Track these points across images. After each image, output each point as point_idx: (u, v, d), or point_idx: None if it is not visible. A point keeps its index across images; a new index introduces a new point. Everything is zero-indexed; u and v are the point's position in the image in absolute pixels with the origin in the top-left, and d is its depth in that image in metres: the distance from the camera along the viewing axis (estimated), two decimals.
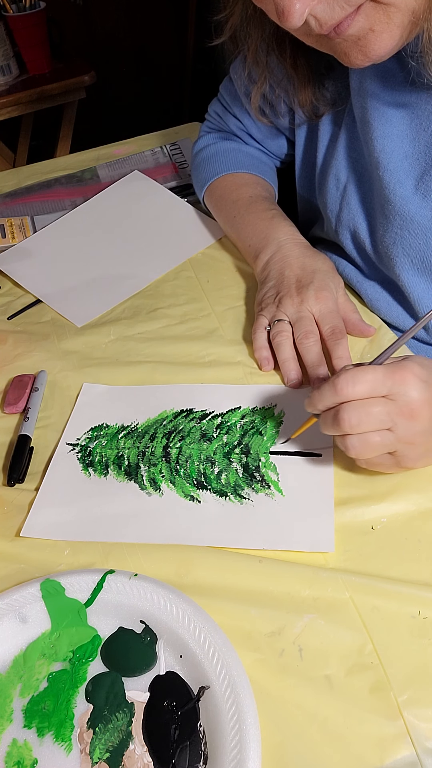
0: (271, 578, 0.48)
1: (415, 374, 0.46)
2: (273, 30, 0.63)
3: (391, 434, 0.47)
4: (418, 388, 0.46)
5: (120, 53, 2.33)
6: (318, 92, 0.69)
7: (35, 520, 0.55)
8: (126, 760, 0.41)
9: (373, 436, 0.47)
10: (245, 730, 0.39)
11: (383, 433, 0.47)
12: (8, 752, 0.42)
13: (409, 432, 0.47)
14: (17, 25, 1.67)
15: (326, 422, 0.49)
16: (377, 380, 0.46)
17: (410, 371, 0.46)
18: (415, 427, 0.47)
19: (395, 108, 0.62)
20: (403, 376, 0.46)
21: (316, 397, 0.49)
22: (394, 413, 0.46)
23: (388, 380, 0.46)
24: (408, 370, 0.47)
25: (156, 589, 0.47)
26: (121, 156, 1.07)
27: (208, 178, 0.85)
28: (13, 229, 0.92)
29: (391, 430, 0.47)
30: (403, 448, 0.48)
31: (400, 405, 0.46)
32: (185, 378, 0.66)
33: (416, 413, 0.46)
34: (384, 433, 0.47)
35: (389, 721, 0.41)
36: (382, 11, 0.49)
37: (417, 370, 0.47)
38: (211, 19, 0.65)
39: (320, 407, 0.49)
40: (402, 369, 0.47)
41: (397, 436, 0.47)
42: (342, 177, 0.71)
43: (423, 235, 0.63)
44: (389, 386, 0.46)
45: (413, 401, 0.46)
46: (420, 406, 0.46)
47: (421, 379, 0.47)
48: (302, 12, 0.48)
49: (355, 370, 0.47)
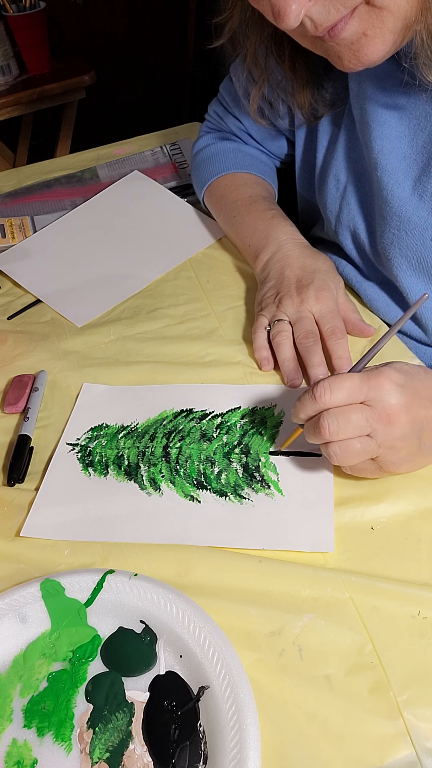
0: (271, 578, 0.48)
1: (392, 380, 0.47)
2: (271, 32, 0.64)
3: (371, 440, 0.47)
4: (395, 394, 0.47)
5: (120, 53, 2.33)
6: (317, 94, 0.69)
7: (35, 520, 0.55)
8: (126, 759, 0.41)
9: (354, 443, 0.47)
10: (245, 730, 0.39)
11: (363, 439, 0.47)
12: (8, 752, 0.42)
13: (388, 437, 0.47)
14: (17, 25, 1.67)
15: (309, 431, 0.49)
16: (354, 387, 0.47)
17: (386, 377, 0.47)
18: (394, 432, 0.47)
19: (392, 110, 0.62)
20: (379, 382, 0.47)
21: (299, 407, 0.50)
22: (372, 419, 0.47)
23: (365, 386, 0.47)
24: (384, 376, 0.47)
25: (156, 589, 0.47)
26: (121, 156, 1.07)
27: (207, 178, 0.85)
28: (13, 229, 0.92)
29: (371, 436, 0.47)
30: (384, 453, 0.48)
31: (378, 411, 0.47)
32: (185, 378, 0.66)
33: (394, 418, 0.47)
34: (364, 439, 0.47)
35: (389, 721, 0.41)
36: (375, 15, 0.49)
37: (394, 375, 0.47)
38: (210, 21, 0.66)
39: (303, 417, 0.50)
40: (378, 375, 0.47)
41: (377, 442, 0.47)
42: (341, 178, 0.71)
43: (420, 235, 0.63)
44: (365, 392, 0.47)
45: (390, 407, 0.47)
46: (397, 411, 0.47)
47: (398, 384, 0.47)
48: (298, 13, 0.49)
49: (332, 377, 0.48)
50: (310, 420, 0.49)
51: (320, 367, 0.62)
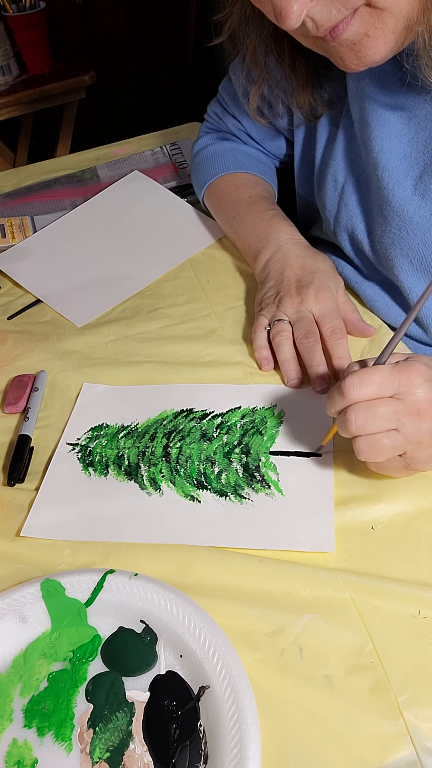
0: (271, 578, 0.48)
1: (421, 374, 0.46)
2: (271, 31, 0.64)
3: (399, 435, 0.47)
4: (424, 387, 0.46)
5: (120, 53, 2.33)
6: (316, 93, 0.69)
7: (35, 520, 0.55)
8: (126, 759, 0.41)
9: (381, 438, 0.47)
10: (245, 729, 0.39)
11: (391, 434, 0.47)
12: (8, 752, 0.42)
13: (416, 432, 0.47)
14: (17, 25, 1.67)
15: (340, 424, 0.49)
16: (384, 381, 0.46)
17: (416, 371, 0.46)
18: (423, 426, 0.46)
19: (392, 109, 0.62)
20: (409, 376, 0.46)
21: (329, 402, 0.49)
22: (401, 413, 0.46)
23: (395, 380, 0.46)
24: (414, 369, 0.46)
25: (156, 589, 0.47)
26: (121, 156, 1.07)
27: (207, 179, 0.85)
28: (13, 229, 0.92)
29: (398, 430, 0.47)
30: (412, 449, 0.48)
31: (407, 404, 0.46)
32: (185, 378, 0.66)
33: (423, 412, 0.46)
34: (392, 434, 0.47)
35: (389, 721, 0.41)
36: (377, 16, 0.49)
37: (423, 369, 0.47)
38: (210, 19, 0.66)
39: (333, 412, 0.49)
40: (408, 368, 0.46)
41: (405, 437, 0.47)
42: (340, 178, 0.71)
43: (421, 235, 0.63)
44: (396, 386, 0.46)
45: (420, 401, 0.46)
46: (427, 405, 0.46)
47: (427, 378, 0.46)
48: (299, 13, 0.49)
49: (361, 371, 0.47)
50: (340, 413, 0.48)
51: (320, 367, 0.62)
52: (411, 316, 0.47)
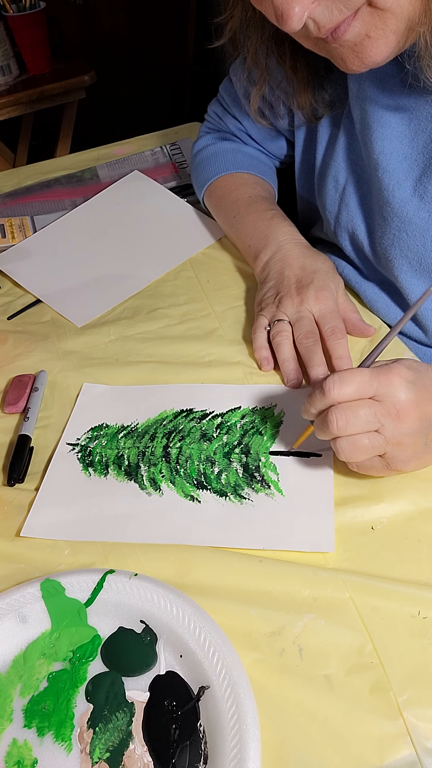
0: (271, 578, 0.48)
1: (402, 376, 0.47)
2: (272, 32, 0.63)
3: (380, 436, 0.47)
4: (405, 390, 0.47)
5: (120, 53, 2.33)
6: (317, 94, 0.69)
7: (35, 520, 0.55)
8: (126, 759, 0.41)
9: (362, 439, 0.47)
10: (245, 730, 0.39)
11: (371, 435, 0.47)
12: (8, 752, 0.42)
13: (396, 433, 0.47)
14: (17, 25, 1.67)
15: (318, 426, 0.49)
16: (364, 382, 0.47)
17: (396, 373, 0.47)
18: (402, 428, 0.47)
19: (393, 111, 0.62)
20: (389, 378, 0.47)
21: (309, 402, 0.50)
22: (381, 414, 0.47)
23: (374, 381, 0.47)
24: (394, 372, 0.47)
25: (156, 589, 0.47)
26: (121, 156, 1.07)
27: (207, 179, 0.85)
28: (13, 229, 0.92)
29: (379, 431, 0.47)
30: (391, 449, 0.48)
31: (387, 406, 0.47)
32: (185, 378, 0.66)
33: (403, 414, 0.47)
34: (372, 435, 0.47)
35: (389, 721, 0.41)
36: (378, 17, 0.49)
37: (404, 372, 0.47)
38: (211, 21, 0.65)
39: (313, 412, 0.50)
40: (389, 371, 0.47)
41: (385, 438, 0.47)
42: (341, 179, 0.71)
43: (421, 236, 0.63)
44: (375, 387, 0.47)
45: (399, 402, 0.47)
46: (407, 407, 0.47)
47: (408, 380, 0.47)
48: (301, 15, 0.49)
49: (342, 372, 0.48)
50: (319, 415, 0.49)
51: (320, 367, 0.62)
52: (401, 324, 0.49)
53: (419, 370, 0.49)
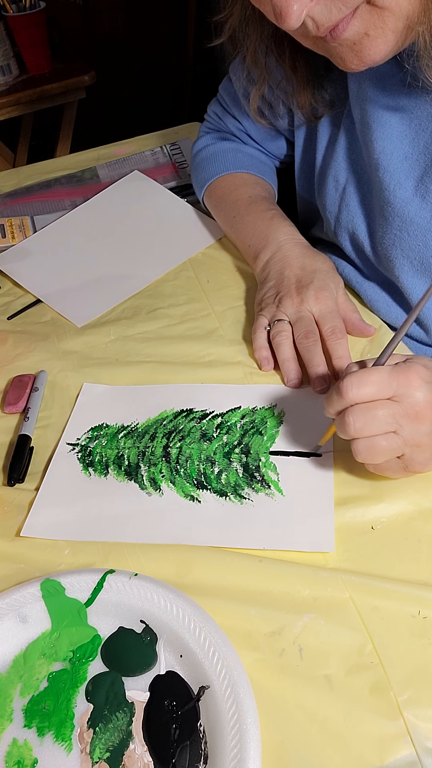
0: (271, 578, 0.48)
1: (420, 375, 0.46)
2: (272, 31, 0.63)
3: (398, 437, 0.47)
4: (423, 390, 0.46)
5: (120, 53, 2.33)
6: (317, 94, 0.69)
7: (35, 520, 0.55)
8: (126, 759, 0.41)
9: (380, 440, 0.46)
10: (245, 729, 0.39)
11: (389, 436, 0.46)
12: (8, 752, 0.42)
13: (415, 434, 0.46)
14: (17, 25, 1.67)
15: (338, 426, 0.48)
16: (383, 382, 0.46)
17: (415, 372, 0.46)
18: (421, 429, 0.46)
19: (394, 110, 0.62)
20: (408, 378, 0.46)
21: (328, 403, 0.49)
22: (399, 415, 0.46)
23: (394, 382, 0.46)
24: (413, 371, 0.46)
25: (156, 589, 0.47)
26: (121, 156, 1.07)
27: (207, 179, 0.85)
28: (13, 229, 0.92)
29: (397, 432, 0.46)
30: (410, 451, 0.47)
31: (405, 407, 0.46)
32: (185, 378, 0.66)
33: (421, 415, 0.46)
34: (390, 436, 0.46)
35: (389, 721, 0.41)
36: (377, 15, 0.49)
37: (422, 371, 0.46)
38: (210, 19, 0.65)
39: (332, 413, 0.49)
40: (407, 370, 0.46)
41: (404, 439, 0.47)
42: (341, 179, 0.71)
43: (422, 236, 0.63)
44: (394, 388, 0.46)
45: (418, 403, 0.46)
46: (425, 408, 0.46)
47: (426, 380, 0.46)
48: (300, 13, 0.49)
49: (360, 372, 0.46)
50: (339, 414, 0.48)
51: (320, 367, 0.62)
52: (411, 318, 0.46)
53: None
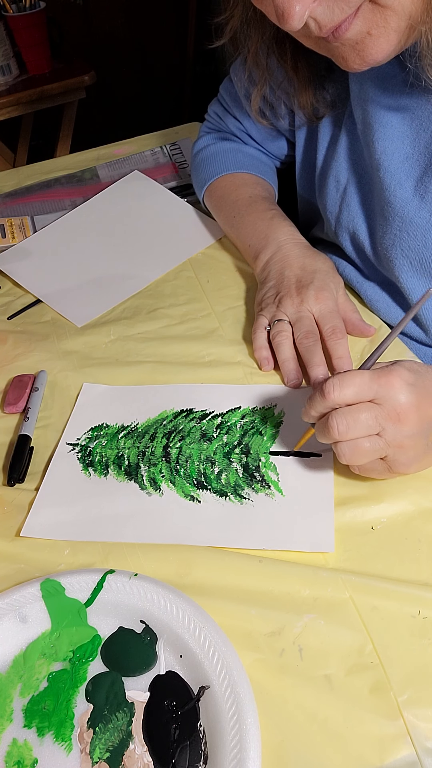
0: (271, 578, 0.48)
1: (402, 378, 0.47)
2: (273, 32, 0.63)
3: (380, 439, 0.47)
4: (405, 392, 0.46)
5: (120, 53, 2.33)
6: (318, 94, 0.69)
7: (35, 520, 0.55)
8: (126, 759, 0.41)
9: (363, 442, 0.47)
10: (245, 730, 0.39)
11: (372, 438, 0.47)
12: (8, 752, 0.42)
13: (397, 436, 0.47)
14: (17, 25, 1.67)
15: (319, 430, 0.49)
16: (363, 384, 0.47)
17: (397, 375, 0.47)
18: (403, 431, 0.47)
19: (395, 111, 0.62)
20: (389, 380, 0.47)
21: (309, 405, 0.49)
22: (382, 417, 0.47)
23: (375, 384, 0.47)
24: (395, 374, 0.47)
25: (156, 589, 0.47)
26: (121, 156, 1.07)
27: (207, 179, 0.85)
28: (13, 229, 0.92)
29: (380, 435, 0.47)
30: (393, 452, 0.48)
31: (387, 409, 0.47)
32: (185, 378, 0.66)
33: (403, 417, 0.47)
34: (373, 438, 0.47)
35: (389, 721, 0.41)
36: (379, 14, 0.49)
37: (404, 374, 0.47)
38: (211, 21, 0.65)
39: (314, 414, 0.50)
40: (389, 373, 0.47)
41: (386, 441, 0.47)
42: (342, 179, 0.71)
43: (422, 236, 0.63)
44: (376, 390, 0.47)
45: (399, 405, 0.46)
46: (407, 410, 0.46)
47: (408, 382, 0.47)
48: (302, 14, 0.49)
49: (342, 374, 0.47)
50: (321, 419, 0.49)
51: (320, 367, 0.62)
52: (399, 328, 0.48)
53: (419, 372, 0.48)
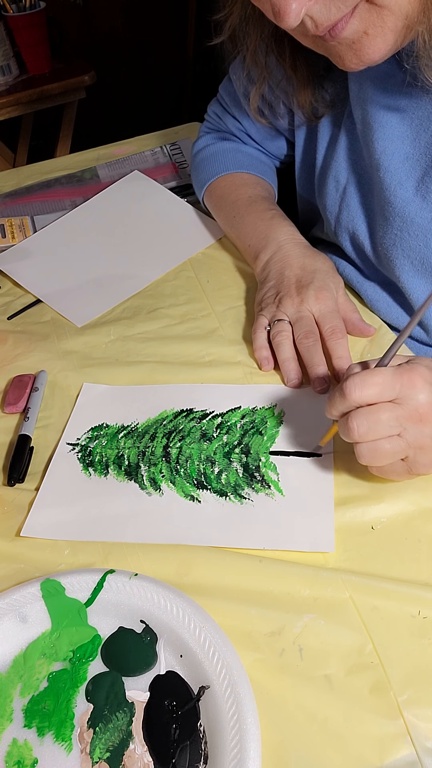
0: (271, 578, 0.48)
1: (423, 377, 0.46)
2: (272, 30, 0.63)
3: (401, 440, 0.46)
4: (426, 391, 0.45)
5: (120, 53, 2.33)
6: (317, 93, 0.69)
7: (35, 520, 0.55)
8: (126, 759, 0.41)
9: (383, 443, 0.46)
10: (245, 729, 0.39)
11: (393, 439, 0.46)
12: (8, 752, 0.42)
13: (419, 436, 0.46)
14: (17, 25, 1.67)
15: (341, 429, 0.48)
16: (386, 384, 0.45)
17: (418, 374, 0.46)
18: (425, 431, 0.46)
19: (394, 111, 0.62)
20: (411, 379, 0.45)
21: (330, 404, 0.48)
22: (403, 418, 0.46)
23: (397, 384, 0.45)
24: (416, 372, 0.46)
25: (156, 589, 0.47)
26: (121, 156, 1.07)
27: (207, 179, 0.85)
28: (13, 229, 0.92)
29: (401, 435, 0.46)
30: (413, 453, 0.47)
31: (409, 409, 0.45)
32: (185, 378, 0.66)
33: (425, 417, 0.45)
34: (394, 439, 0.46)
35: (389, 721, 0.41)
36: (376, 14, 0.49)
37: (425, 372, 0.46)
38: (210, 18, 0.65)
39: (336, 414, 0.49)
40: (410, 372, 0.46)
41: (407, 442, 0.46)
42: (341, 179, 0.71)
43: (423, 236, 0.63)
44: (397, 390, 0.45)
45: (421, 405, 0.45)
46: (429, 410, 0.45)
47: (429, 381, 0.46)
48: (298, 12, 0.49)
49: (363, 373, 0.46)
50: (342, 417, 0.48)
51: (320, 366, 0.62)
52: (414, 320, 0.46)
53: None
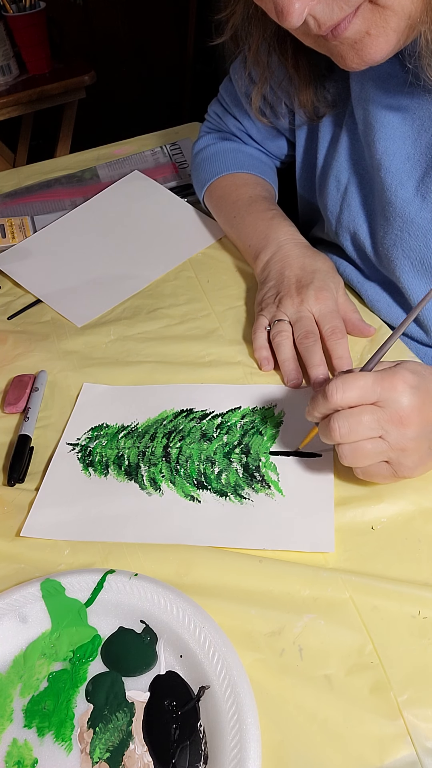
0: (271, 578, 0.48)
1: (405, 381, 0.46)
2: (274, 30, 0.63)
3: (383, 442, 0.47)
4: (408, 395, 0.46)
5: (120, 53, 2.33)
6: (319, 93, 0.69)
7: (35, 520, 0.55)
8: (126, 759, 0.41)
9: (365, 444, 0.47)
10: (245, 730, 0.39)
11: (375, 441, 0.47)
12: (8, 752, 0.42)
13: (400, 439, 0.47)
14: (17, 25, 1.67)
15: (322, 431, 0.49)
16: (367, 387, 0.46)
17: (400, 378, 0.46)
18: (406, 434, 0.47)
19: (396, 111, 0.62)
20: (392, 383, 0.46)
21: (311, 406, 0.49)
22: (384, 420, 0.46)
23: (378, 387, 0.46)
24: (398, 376, 0.47)
25: (156, 589, 0.47)
26: (121, 156, 1.07)
27: (207, 179, 0.85)
28: (13, 229, 0.92)
29: (383, 437, 0.47)
30: (396, 455, 0.48)
31: (390, 412, 0.46)
32: (185, 378, 0.66)
33: (406, 420, 0.46)
34: (375, 441, 0.47)
35: (389, 721, 0.41)
36: (379, 14, 0.49)
37: (407, 376, 0.47)
38: (212, 18, 0.65)
39: (317, 416, 0.49)
40: (392, 375, 0.47)
41: (389, 444, 0.47)
42: (343, 179, 0.71)
43: (423, 237, 0.63)
44: (378, 393, 0.46)
45: (403, 408, 0.46)
46: (410, 413, 0.46)
47: (411, 385, 0.46)
48: (301, 12, 0.49)
49: (345, 376, 0.47)
50: (324, 419, 0.49)
51: (320, 367, 0.62)
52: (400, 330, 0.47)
53: (422, 374, 0.48)
